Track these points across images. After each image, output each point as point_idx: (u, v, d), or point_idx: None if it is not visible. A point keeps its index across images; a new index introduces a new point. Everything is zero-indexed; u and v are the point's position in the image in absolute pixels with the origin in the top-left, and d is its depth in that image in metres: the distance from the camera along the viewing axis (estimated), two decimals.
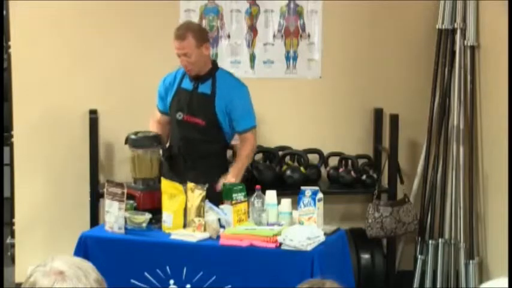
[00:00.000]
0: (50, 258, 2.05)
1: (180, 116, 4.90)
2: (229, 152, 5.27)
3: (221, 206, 4.41)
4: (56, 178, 5.82)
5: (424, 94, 5.89)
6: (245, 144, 4.91)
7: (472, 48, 5.64)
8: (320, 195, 4.33)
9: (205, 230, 4.29)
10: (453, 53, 5.73)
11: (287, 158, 5.82)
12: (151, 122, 5.15)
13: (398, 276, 5.90)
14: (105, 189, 4.48)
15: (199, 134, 4.87)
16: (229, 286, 4.17)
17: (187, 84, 4.94)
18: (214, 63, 4.98)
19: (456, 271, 5.72)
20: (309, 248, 4.09)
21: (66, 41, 5.77)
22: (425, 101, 5.85)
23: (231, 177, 4.71)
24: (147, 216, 4.47)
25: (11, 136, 5.83)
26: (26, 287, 2.02)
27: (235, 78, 5.00)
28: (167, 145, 5.00)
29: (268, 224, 4.34)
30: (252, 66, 5.89)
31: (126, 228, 4.39)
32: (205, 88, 4.89)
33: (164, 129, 5.07)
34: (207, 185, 4.45)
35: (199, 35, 4.87)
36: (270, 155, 5.79)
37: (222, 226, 4.35)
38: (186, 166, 4.87)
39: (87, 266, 2.05)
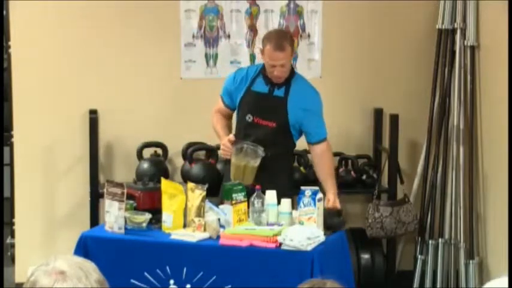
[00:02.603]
0: (53, 257, 2.05)
1: (249, 118, 4.80)
2: None
3: (221, 206, 4.41)
4: (56, 178, 5.82)
5: (424, 94, 5.89)
6: (323, 155, 4.80)
7: (472, 48, 5.64)
8: (320, 195, 4.32)
9: (205, 230, 4.29)
10: (453, 53, 5.73)
11: None
12: (215, 113, 4.99)
13: (398, 276, 5.90)
14: (105, 189, 4.47)
15: (268, 136, 4.76)
16: (229, 286, 4.17)
17: (261, 87, 4.81)
18: (292, 68, 4.86)
19: (456, 271, 5.72)
20: (309, 248, 4.08)
21: (66, 41, 5.77)
22: (425, 101, 5.86)
23: (333, 197, 4.60)
24: (147, 216, 4.47)
25: (11, 136, 5.83)
26: (27, 286, 2.02)
27: (311, 85, 4.89)
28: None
29: (268, 224, 4.34)
30: None
31: (126, 228, 4.39)
32: (280, 92, 4.79)
33: (228, 122, 4.98)
34: (207, 185, 4.44)
35: (293, 43, 4.80)
36: None
37: (222, 226, 4.35)
38: None
39: (89, 266, 2.05)
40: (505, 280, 2.19)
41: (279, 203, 4.43)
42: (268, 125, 4.77)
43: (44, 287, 1.99)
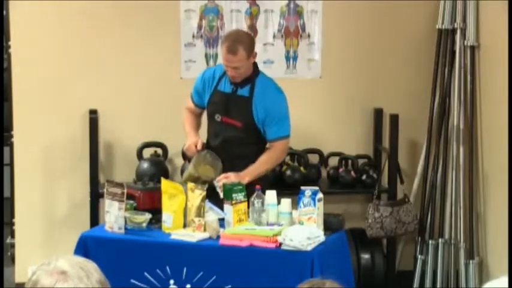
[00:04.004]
0: (55, 257, 2.06)
1: (218, 117, 4.86)
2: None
3: None
4: (56, 178, 5.82)
5: (424, 94, 5.89)
6: (269, 151, 4.83)
7: (472, 48, 5.64)
8: (320, 195, 4.32)
9: (205, 230, 4.29)
10: (453, 53, 5.73)
11: (287, 158, 5.82)
12: (186, 112, 5.09)
13: (398, 276, 5.90)
14: (105, 189, 4.48)
15: (236, 135, 4.82)
16: (229, 286, 4.17)
17: (226, 87, 4.86)
18: (256, 68, 4.88)
19: (456, 271, 5.72)
20: (309, 248, 4.09)
21: (66, 41, 5.77)
22: (425, 101, 5.86)
23: (234, 176, 4.65)
24: (147, 216, 4.47)
25: (11, 136, 5.83)
26: (29, 285, 2.03)
27: (275, 85, 4.89)
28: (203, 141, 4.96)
29: (268, 224, 4.34)
30: None
31: (126, 228, 4.40)
32: (244, 91, 4.82)
33: (198, 121, 5.06)
34: (206, 185, 4.45)
35: (249, 46, 4.76)
36: None
37: (222, 226, 4.35)
38: (224, 166, 4.80)
39: (91, 266, 2.05)
40: (504, 280, 2.19)
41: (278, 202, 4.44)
42: (236, 125, 4.82)
43: (45, 287, 1.99)
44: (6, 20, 5.90)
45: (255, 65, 4.86)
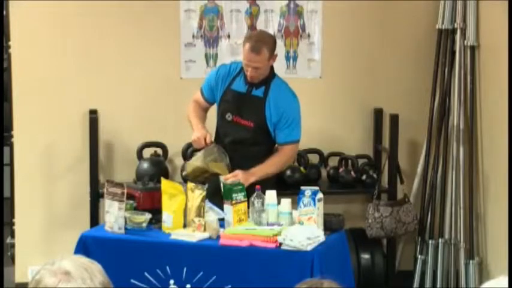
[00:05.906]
0: (60, 257, 2.06)
1: (229, 117, 4.83)
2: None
3: None
4: (56, 178, 5.82)
5: (424, 94, 5.89)
6: (277, 153, 4.83)
7: (472, 48, 5.64)
8: (320, 195, 4.32)
9: (205, 230, 4.29)
10: (453, 53, 5.73)
11: None
12: (193, 104, 5.00)
13: (398, 276, 5.91)
14: (105, 189, 4.47)
15: (247, 136, 4.80)
16: (229, 286, 4.17)
17: (240, 87, 4.83)
18: (272, 70, 4.85)
19: (456, 271, 5.72)
20: (309, 248, 4.09)
21: (66, 41, 5.77)
22: (425, 101, 5.86)
23: (242, 174, 4.62)
24: (147, 216, 4.47)
25: (11, 136, 5.83)
26: (32, 284, 2.03)
27: (290, 89, 4.87)
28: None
29: (268, 224, 4.34)
30: None
31: (126, 228, 4.39)
32: (258, 92, 4.80)
33: (204, 115, 5.01)
34: (207, 185, 4.45)
35: (272, 47, 4.75)
36: None
37: (222, 226, 4.35)
38: (232, 166, 4.78)
39: (95, 268, 2.05)
40: (503, 280, 2.19)
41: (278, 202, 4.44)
42: (247, 125, 4.80)
43: (48, 287, 2.00)
44: (6, 20, 5.90)
45: (271, 67, 4.84)
